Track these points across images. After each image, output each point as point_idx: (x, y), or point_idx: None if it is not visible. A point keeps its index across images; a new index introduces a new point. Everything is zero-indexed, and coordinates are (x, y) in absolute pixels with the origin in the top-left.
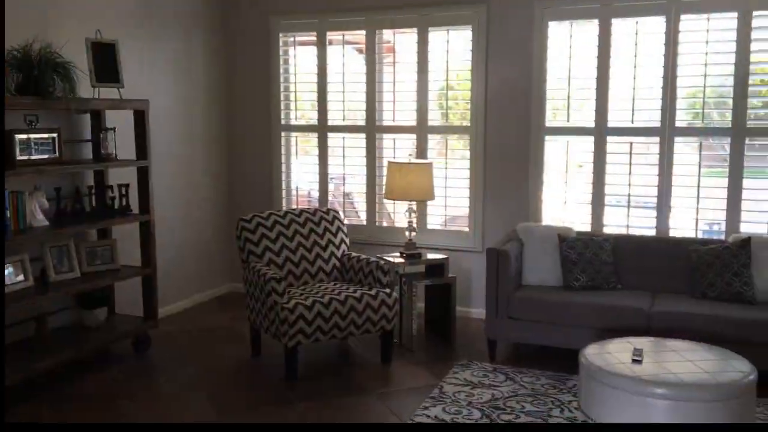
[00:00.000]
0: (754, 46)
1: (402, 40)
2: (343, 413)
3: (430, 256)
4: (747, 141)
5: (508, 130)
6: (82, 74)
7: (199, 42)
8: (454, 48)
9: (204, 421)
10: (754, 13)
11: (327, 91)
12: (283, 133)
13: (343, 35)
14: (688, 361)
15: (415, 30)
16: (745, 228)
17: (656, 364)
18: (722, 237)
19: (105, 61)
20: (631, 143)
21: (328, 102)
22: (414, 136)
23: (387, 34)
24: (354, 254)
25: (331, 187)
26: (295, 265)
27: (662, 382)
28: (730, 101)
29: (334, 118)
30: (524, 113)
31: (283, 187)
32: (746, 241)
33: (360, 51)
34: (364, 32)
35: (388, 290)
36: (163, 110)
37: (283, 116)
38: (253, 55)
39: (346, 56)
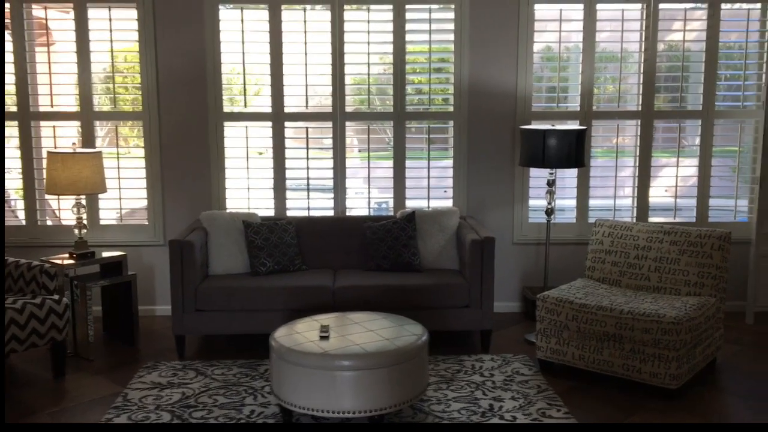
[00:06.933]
0: (408, 37)
1: (57, 17)
2: None
3: (105, 254)
4: (407, 124)
5: (185, 117)
6: None
7: None
8: (119, 27)
9: None
10: (407, 6)
11: None
12: None
13: None
14: (369, 331)
15: (71, 5)
16: (410, 203)
17: (342, 337)
18: (391, 213)
19: None
20: (307, 128)
21: None
22: (78, 123)
23: (37, 9)
24: (12, 260)
25: None
26: None
27: (348, 354)
28: (391, 88)
29: None
30: (201, 99)
31: None
32: (411, 216)
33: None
34: (7, 6)
35: (56, 296)
36: None
37: None
38: None
39: None
